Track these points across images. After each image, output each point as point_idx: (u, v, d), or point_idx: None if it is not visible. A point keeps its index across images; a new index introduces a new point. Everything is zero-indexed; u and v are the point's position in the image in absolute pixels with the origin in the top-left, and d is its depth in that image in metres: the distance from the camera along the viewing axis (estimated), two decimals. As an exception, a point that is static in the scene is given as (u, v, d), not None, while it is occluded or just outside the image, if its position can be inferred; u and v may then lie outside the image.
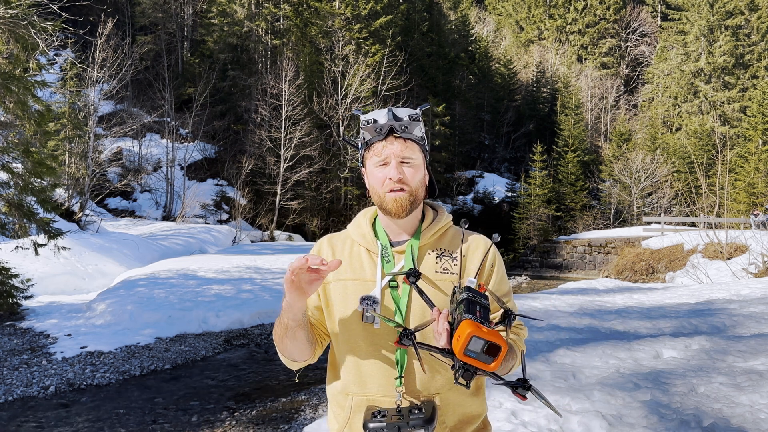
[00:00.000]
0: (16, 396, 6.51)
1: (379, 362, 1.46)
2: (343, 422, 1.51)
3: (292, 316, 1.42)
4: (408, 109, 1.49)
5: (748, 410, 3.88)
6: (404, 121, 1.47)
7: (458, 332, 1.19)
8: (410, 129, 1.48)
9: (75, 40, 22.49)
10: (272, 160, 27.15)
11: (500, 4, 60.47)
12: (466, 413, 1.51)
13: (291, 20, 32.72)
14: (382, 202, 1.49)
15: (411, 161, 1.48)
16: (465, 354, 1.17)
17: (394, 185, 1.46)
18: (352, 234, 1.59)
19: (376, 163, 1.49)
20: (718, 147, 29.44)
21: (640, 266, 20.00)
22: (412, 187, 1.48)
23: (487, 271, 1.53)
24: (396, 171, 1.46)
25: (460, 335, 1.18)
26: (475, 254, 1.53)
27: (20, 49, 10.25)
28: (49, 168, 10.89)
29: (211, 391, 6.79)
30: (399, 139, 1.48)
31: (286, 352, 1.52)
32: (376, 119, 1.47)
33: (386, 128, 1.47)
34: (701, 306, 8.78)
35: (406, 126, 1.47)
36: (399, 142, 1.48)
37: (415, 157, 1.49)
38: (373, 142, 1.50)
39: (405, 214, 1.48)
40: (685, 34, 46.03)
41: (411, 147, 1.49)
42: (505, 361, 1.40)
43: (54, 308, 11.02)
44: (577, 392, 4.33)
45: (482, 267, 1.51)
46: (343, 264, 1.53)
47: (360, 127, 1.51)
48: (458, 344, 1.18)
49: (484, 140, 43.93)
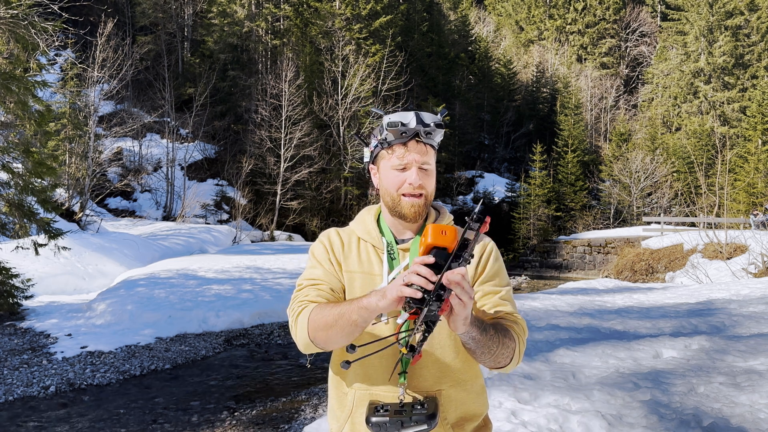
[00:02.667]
0: (16, 396, 6.51)
1: (384, 357, 1.46)
2: (345, 417, 1.52)
3: (371, 317, 1.34)
4: (433, 115, 1.50)
5: (748, 410, 3.89)
6: (430, 127, 1.48)
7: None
8: (433, 135, 1.49)
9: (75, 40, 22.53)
10: (272, 160, 27.16)
11: (500, 4, 60.48)
12: (468, 410, 1.53)
13: (291, 20, 32.73)
14: (396, 205, 1.51)
15: (429, 167, 1.50)
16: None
17: (414, 191, 1.48)
18: (357, 231, 1.60)
19: (395, 165, 1.50)
20: (718, 147, 29.48)
21: (640, 266, 20.00)
22: (428, 193, 1.51)
23: (482, 263, 1.56)
24: (417, 177, 1.48)
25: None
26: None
27: (20, 49, 10.25)
28: (49, 168, 10.90)
29: (211, 391, 6.79)
30: (420, 144, 1.49)
31: (323, 341, 1.42)
32: (403, 122, 1.47)
33: (412, 133, 1.47)
34: (701, 306, 8.78)
35: (431, 132, 1.48)
36: (420, 148, 1.49)
37: (432, 163, 1.52)
38: (393, 143, 1.50)
39: (420, 219, 1.52)
40: (685, 34, 46.03)
41: (430, 153, 1.51)
42: (492, 338, 1.38)
43: (54, 308, 11.03)
44: (577, 392, 4.33)
45: (479, 260, 1.55)
46: (352, 258, 1.55)
47: (384, 127, 1.50)
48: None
49: (484, 140, 43.93)
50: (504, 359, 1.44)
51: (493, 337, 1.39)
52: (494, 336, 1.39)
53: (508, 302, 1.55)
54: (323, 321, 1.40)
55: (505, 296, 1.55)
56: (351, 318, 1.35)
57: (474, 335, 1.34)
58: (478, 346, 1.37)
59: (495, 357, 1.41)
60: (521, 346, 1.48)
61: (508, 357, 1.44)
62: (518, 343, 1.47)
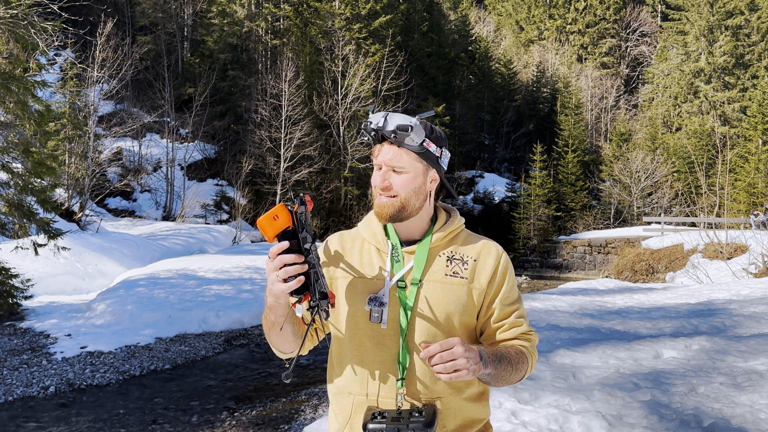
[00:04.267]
0: (16, 396, 6.51)
1: (383, 363, 1.46)
2: (343, 422, 1.50)
3: (281, 312, 1.43)
4: (402, 118, 1.44)
5: (748, 410, 3.88)
6: (393, 131, 1.43)
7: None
8: (401, 138, 1.44)
9: (75, 40, 22.51)
10: (272, 160, 27.15)
11: (500, 4, 60.45)
12: (468, 418, 1.51)
13: (291, 20, 32.72)
14: (375, 203, 1.52)
15: (402, 170, 1.46)
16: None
17: (381, 191, 1.47)
18: (363, 232, 1.59)
19: (375, 165, 1.51)
20: (718, 147, 29.46)
21: (640, 266, 19.99)
22: (403, 195, 1.46)
23: (499, 279, 1.52)
24: (381, 178, 1.47)
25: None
26: (486, 260, 1.52)
27: (20, 49, 10.25)
28: (49, 168, 10.89)
29: (211, 391, 6.78)
30: (393, 146, 1.46)
31: (276, 345, 1.55)
32: (371, 123, 1.46)
33: (378, 135, 1.47)
34: (701, 306, 8.78)
35: (396, 135, 1.44)
36: (392, 149, 1.46)
37: (408, 166, 1.46)
38: (374, 144, 1.51)
39: (385, 220, 1.49)
40: (685, 34, 46.02)
41: (402, 155, 1.46)
42: (506, 367, 1.43)
43: (54, 308, 11.02)
44: (577, 392, 4.33)
45: (494, 275, 1.51)
46: (353, 261, 1.54)
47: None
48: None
49: (484, 140, 43.92)
50: (517, 380, 1.49)
51: (507, 367, 1.43)
52: (508, 366, 1.44)
53: (523, 320, 1.54)
54: (265, 329, 1.52)
55: (521, 313, 1.54)
56: (269, 319, 1.45)
57: (489, 372, 1.39)
58: (493, 379, 1.43)
59: (508, 382, 1.47)
60: (533, 362, 1.52)
61: (520, 378, 1.50)
62: (531, 361, 1.51)
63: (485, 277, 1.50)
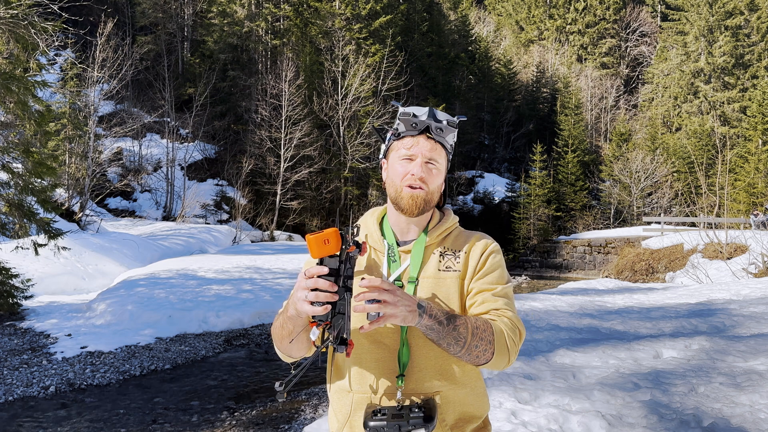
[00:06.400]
0: (16, 396, 6.51)
1: (382, 360, 1.46)
2: (343, 420, 1.51)
3: (300, 323, 1.39)
4: (448, 115, 1.51)
5: (748, 410, 3.88)
6: (442, 123, 1.49)
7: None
8: (444, 133, 1.50)
9: (75, 40, 22.51)
10: (272, 160, 27.16)
11: (500, 4, 60.48)
12: (467, 412, 1.51)
13: (291, 20, 32.73)
14: (398, 196, 1.50)
15: (436, 164, 1.50)
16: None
17: (415, 182, 1.47)
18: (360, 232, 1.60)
19: (402, 156, 1.50)
20: (718, 147, 29.49)
21: (640, 266, 20.00)
22: (430, 189, 1.49)
23: (482, 261, 1.53)
24: (420, 168, 1.48)
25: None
26: (476, 250, 1.54)
27: (20, 49, 10.25)
28: (49, 168, 10.89)
29: (211, 391, 6.79)
30: (430, 140, 1.50)
31: (285, 351, 1.52)
32: (415, 113, 1.49)
33: (423, 125, 1.49)
34: (701, 306, 8.78)
35: (442, 129, 1.49)
36: (430, 143, 1.49)
37: (440, 162, 1.51)
38: (404, 135, 1.51)
39: (417, 212, 1.49)
40: (685, 34, 46.03)
41: (439, 151, 1.51)
42: (459, 330, 1.36)
43: (54, 308, 11.02)
44: (577, 392, 4.33)
45: (479, 260, 1.52)
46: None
47: (397, 118, 1.53)
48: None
49: (484, 140, 43.93)
50: (482, 353, 1.37)
51: (459, 327, 1.35)
52: (460, 327, 1.35)
53: (500, 299, 1.48)
54: (276, 333, 1.48)
55: (499, 293, 1.48)
56: (287, 327, 1.42)
57: (430, 325, 1.32)
58: (439, 336, 1.34)
59: (468, 349, 1.36)
60: (506, 340, 1.40)
61: (486, 350, 1.37)
62: (500, 337, 1.39)
63: (472, 265, 1.52)
